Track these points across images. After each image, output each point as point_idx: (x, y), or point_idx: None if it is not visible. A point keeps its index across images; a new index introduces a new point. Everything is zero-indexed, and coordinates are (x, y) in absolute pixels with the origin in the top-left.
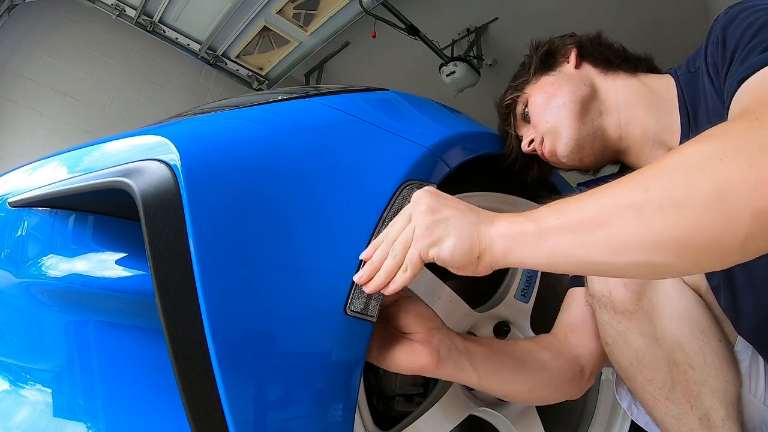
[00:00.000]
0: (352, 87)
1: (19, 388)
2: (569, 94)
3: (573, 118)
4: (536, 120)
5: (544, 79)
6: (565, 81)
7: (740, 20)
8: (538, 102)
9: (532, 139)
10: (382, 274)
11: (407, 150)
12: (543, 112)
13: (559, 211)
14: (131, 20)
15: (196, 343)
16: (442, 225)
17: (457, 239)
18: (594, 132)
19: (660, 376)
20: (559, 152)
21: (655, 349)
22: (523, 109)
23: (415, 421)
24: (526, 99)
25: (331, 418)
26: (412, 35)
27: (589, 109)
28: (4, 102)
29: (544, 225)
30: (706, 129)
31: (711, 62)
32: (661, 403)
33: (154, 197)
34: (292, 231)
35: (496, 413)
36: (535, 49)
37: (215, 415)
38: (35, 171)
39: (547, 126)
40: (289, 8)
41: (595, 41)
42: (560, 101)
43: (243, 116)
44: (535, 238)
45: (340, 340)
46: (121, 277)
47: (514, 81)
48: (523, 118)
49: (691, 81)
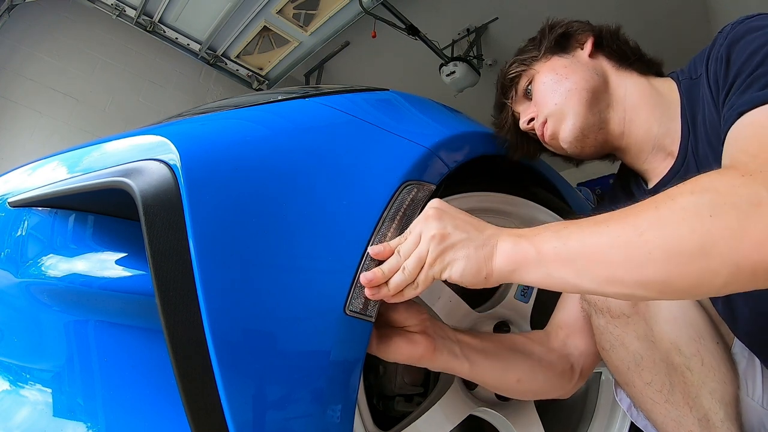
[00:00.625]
0: (352, 87)
1: (19, 388)
2: (582, 81)
3: (582, 105)
4: (542, 99)
5: (556, 59)
6: (579, 67)
7: (746, 42)
8: (546, 82)
9: (532, 118)
10: (391, 286)
11: (407, 150)
12: (551, 93)
13: (559, 238)
14: (131, 20)
15: (196, 343)
16: (451, 251)
17: (466, 263)
18: (600, 123)
19: (658, 378)
20: (562, 137)
21: (653, 352)
22: (526, 85)
23: (415, 421)
24: (533, 76)
25: (330, 418)
26: (412, 35)
27: (599, 100)
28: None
29: (544, 252)
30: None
31: (713, 78)
32: (660, 406)
33: (154, 197)
34: (292, 231)
35: (496, 413)
36: (551, 28)
37: (215, 415)
38: (35, 171)
39: (554, 107)
40: (289, 8)
41: (614, 34)
42: (572, 85)
43: (243, 116)
44: (534, 263)
45: (339, 340)
46: (121, 277)
47: (521, 55)
48: (524, 95)
49: (692, 88)
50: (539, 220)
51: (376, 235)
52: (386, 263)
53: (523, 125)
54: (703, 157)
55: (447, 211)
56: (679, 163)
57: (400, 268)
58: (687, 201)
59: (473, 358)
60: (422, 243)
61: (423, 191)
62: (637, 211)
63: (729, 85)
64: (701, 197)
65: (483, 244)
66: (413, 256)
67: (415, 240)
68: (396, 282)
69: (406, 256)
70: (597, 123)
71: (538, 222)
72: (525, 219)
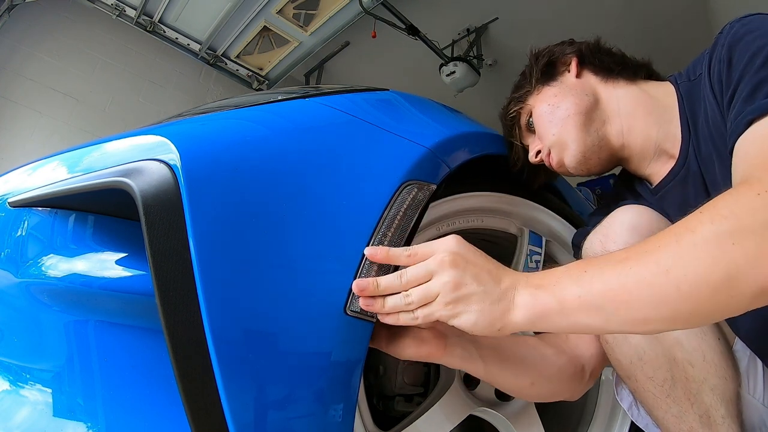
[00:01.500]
0: (352, 87)
1: (19, 388)
2: (573, 105)
3: (578, 129)
4: (542, 132)
5: (546, 89)
6: (567, 92)
7: (747, 43)
8: (542, 114)
9: (539, 150)
10: (387, 306)
11: (407, 150)
12: (548, 124)
13: (580, 285)
14: (131, 20)
15: (196, 343)
16: (463, 303)
17: (478, 316)
18: (599, 142)
19: (660, 373)
20: (567, 164)
21: (656, 346)
22: (527, 119)
23: (415, 421)
24: (530, 110)
25: (331, 418)
26: (412, 35)
27: (593, 120)
28: (4, 102)
29: (566, 301)
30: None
31: (716, 78)
32: (662, 401)
33: (154, 197)
34: (292, 230)
35: (496, 413)
36: (535, 59)
37: (215, 415)
38: (35, 171)
39: (553, 138)
40: (289, 8)
41: (595, 48)
42: (564, 113)
43: (243, 116)
44: (557, 314)
45: (339, 340)
46: (121, 277)
47: (516, 92)
48: (527, 129)
49: (691, 89)
50: (539, 221)
51: (376, 235)
52: (384, 279)
53: (532, 159)
54: (706, 155)
55: (465, 257)
56: (680, 163)
57: (402, 294)
58: (708, 231)
59: (488, 359)
60: (434, 283)
61: (423, 191)
62: (658, 246)
63: (733, 87)
64: (721, 225)
65: (499, 298)
66: (420, 290)
67: (424, 274)
68: (394, 304)
69: (410, 284)
70: (596, 143)
71: (538, 222)
72: (525, 219)
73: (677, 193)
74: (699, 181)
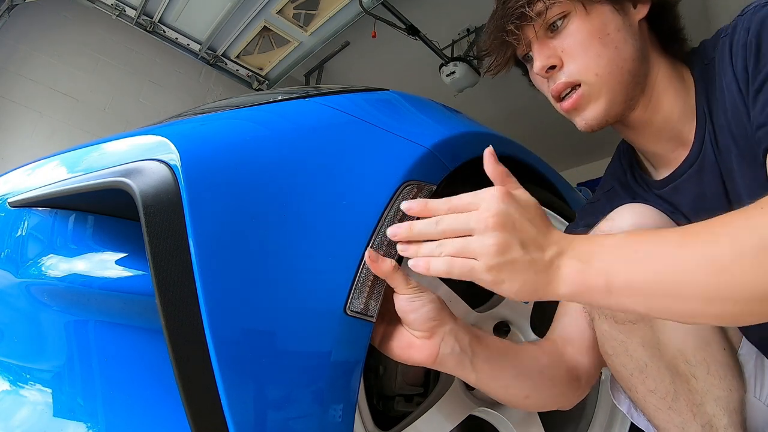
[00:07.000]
0: (352, 87)
1: (19, 388)
2: (629, 59)
3: (620, 87)
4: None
5: (610, 13)
6: (629, 36)
7: None
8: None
9: (553, 66)
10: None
11: (407, 150)
12: (594, 56)
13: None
14: (131, 20)
15: (196, 344)
16: (507, 269)
17: (522, 286)
18: (626, 110)
19: (663, 386)
20: (585, 115)
21: (658, 359)
22: (557, 17)
23: (415, 421)
24: (568, 12)
25: (330, 419)
26: (412, 35)
27: (636, 85)
28: (4, 102)
29: (614, 284)
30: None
31: (741, 65)
32: (664, 412)
33: (154, 197)
34: (292, 231)
35: (496, 413)
36: None
37: (215, 415)
38: (35, 171)
39: (594, 78)
40: (289, 8)
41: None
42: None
43: (243, 116)
44: (603, 294)
45: (339, 341)
46: (121, 277)
47: None
48: (546, 29)
49: (704, 73)
50: None
51: (376, 235)
52: (420, 223)
53: (538, 70)
54: (724, 148)
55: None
56: (694, 153)
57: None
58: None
59: (482, 372)
60: (474, 241)
61: (423, 191)
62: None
63: (763, 75)
64: None
65: (545, 267)
66: (458, 243)
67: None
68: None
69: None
70: (624, 109)
71: None
72: None
73: (693, 185)
74: (716, 171)
